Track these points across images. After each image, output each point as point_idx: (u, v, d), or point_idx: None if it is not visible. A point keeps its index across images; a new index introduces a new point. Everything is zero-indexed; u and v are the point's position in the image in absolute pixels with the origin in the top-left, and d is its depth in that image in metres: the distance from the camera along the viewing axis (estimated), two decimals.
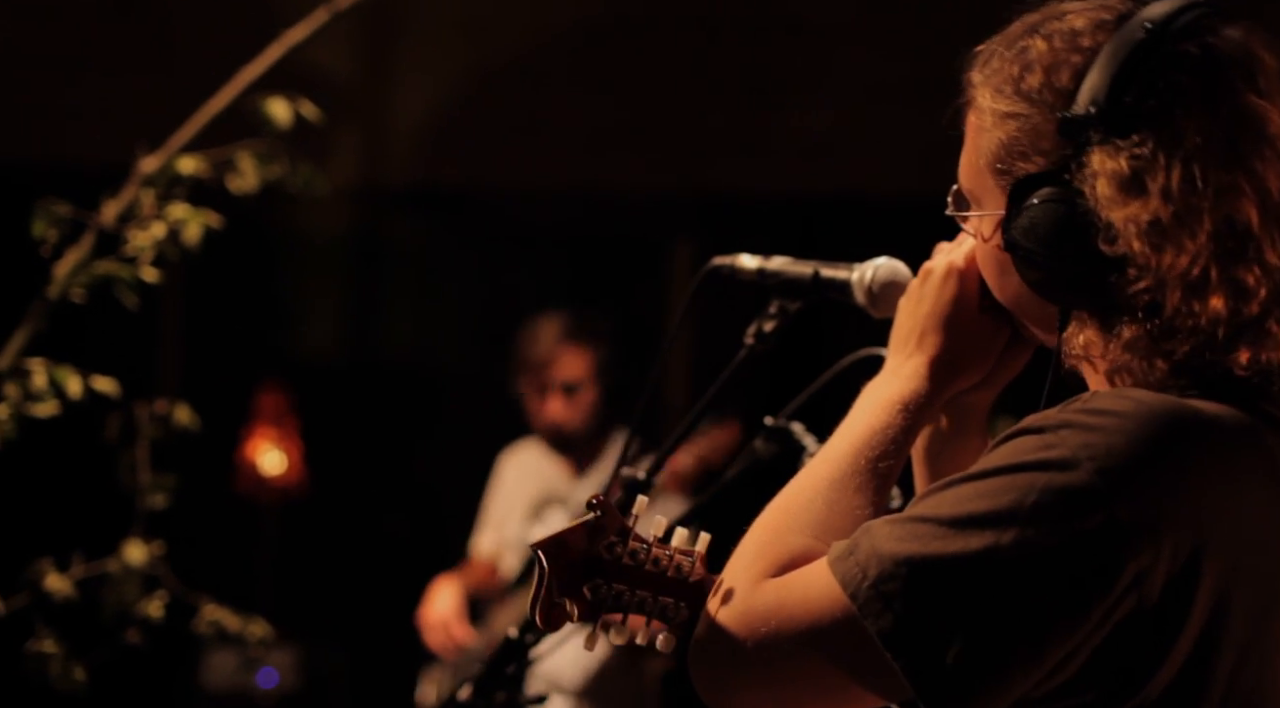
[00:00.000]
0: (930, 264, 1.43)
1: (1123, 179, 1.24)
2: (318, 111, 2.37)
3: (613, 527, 1.34)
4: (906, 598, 1.19)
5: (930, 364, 1.40)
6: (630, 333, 4.70)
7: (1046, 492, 1.18)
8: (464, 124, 5.34)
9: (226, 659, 4.91)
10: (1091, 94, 1.26)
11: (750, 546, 1.32)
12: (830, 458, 1.36)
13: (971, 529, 1.19)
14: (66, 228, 2.29)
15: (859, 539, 1.24)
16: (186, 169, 2.31)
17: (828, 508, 1.33)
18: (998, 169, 1.32)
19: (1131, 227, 1.24)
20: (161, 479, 2.39)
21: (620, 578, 1.33)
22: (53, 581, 2.31)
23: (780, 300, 1.72)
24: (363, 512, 5.53)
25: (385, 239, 5.80)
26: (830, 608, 1.22)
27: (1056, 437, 1.20)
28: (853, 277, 1.59)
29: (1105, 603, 1.18)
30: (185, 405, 2.41)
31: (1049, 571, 1.18)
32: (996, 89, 1.32)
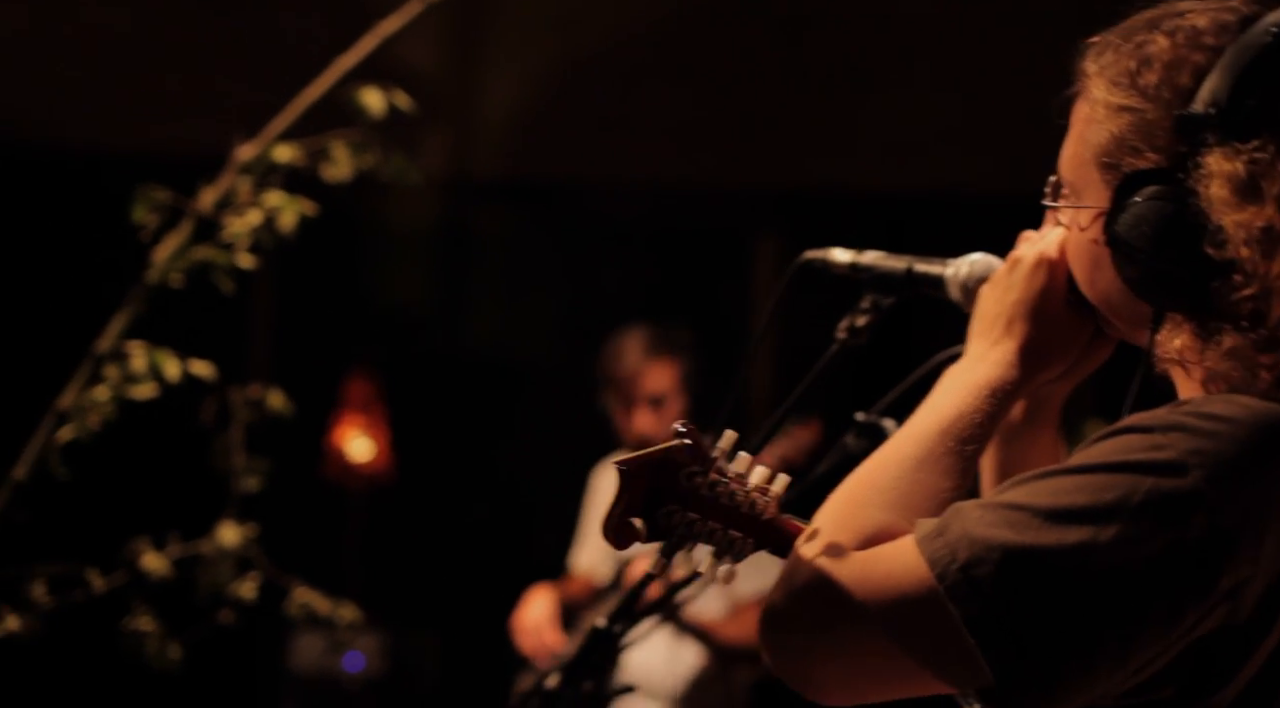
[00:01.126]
0: (1019, 252, 1.42)
1: (1239, 183, 1.23)
2: (411, 102, 2.39)
3: (697, 457, 1.34)
4: (996, 585, 1.18)
5: (1018, 352, 1.38)
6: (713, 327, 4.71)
7: (1153, 494, 1.17)
8: (552, 117, 5.36)
9: (313, 643, 4.97)
10: (1213, 95, 1.25)
11: (832, 516, 1.31)
12: (916, 437, 1.35)
13: (1069, 522, 1.18)
14: (166, 214, 2.34)
15: (949, 520, 1.23)
16: (282, 157, 2.34)
17: (912, 487, 1.31)
18: (1105, 163, 1.31)
19: (1242, 232, 1.22)
20: (255, 463, 2.43)
21: (694, 506, 1.34)
22: (150, 560, 2.35)
23: (873, 295, 1.71)
24: (447, 500, 5.58)
25: (472, 231, 5.84)
26: (915, 587, 1.21)
27: (1166, 438, 1.19)
28: (947, 272, 1.58)
29: (1199, 610, 1.17)
30: (278, 391, 2.44)
31: (1147, 573, 1.17)
32: (1112, 81, 1.31)
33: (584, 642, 1.95)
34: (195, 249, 2.32)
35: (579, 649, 1.95)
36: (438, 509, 5.55)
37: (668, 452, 1.33)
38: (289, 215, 2.32)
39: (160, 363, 2.30)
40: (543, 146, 5.44)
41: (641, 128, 5.35)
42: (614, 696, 1.98)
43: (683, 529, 1.35)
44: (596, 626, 1.94)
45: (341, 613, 2.45)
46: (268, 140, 2.36)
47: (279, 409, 2.42)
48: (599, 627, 1.94)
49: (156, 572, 2.35)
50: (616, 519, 1.33)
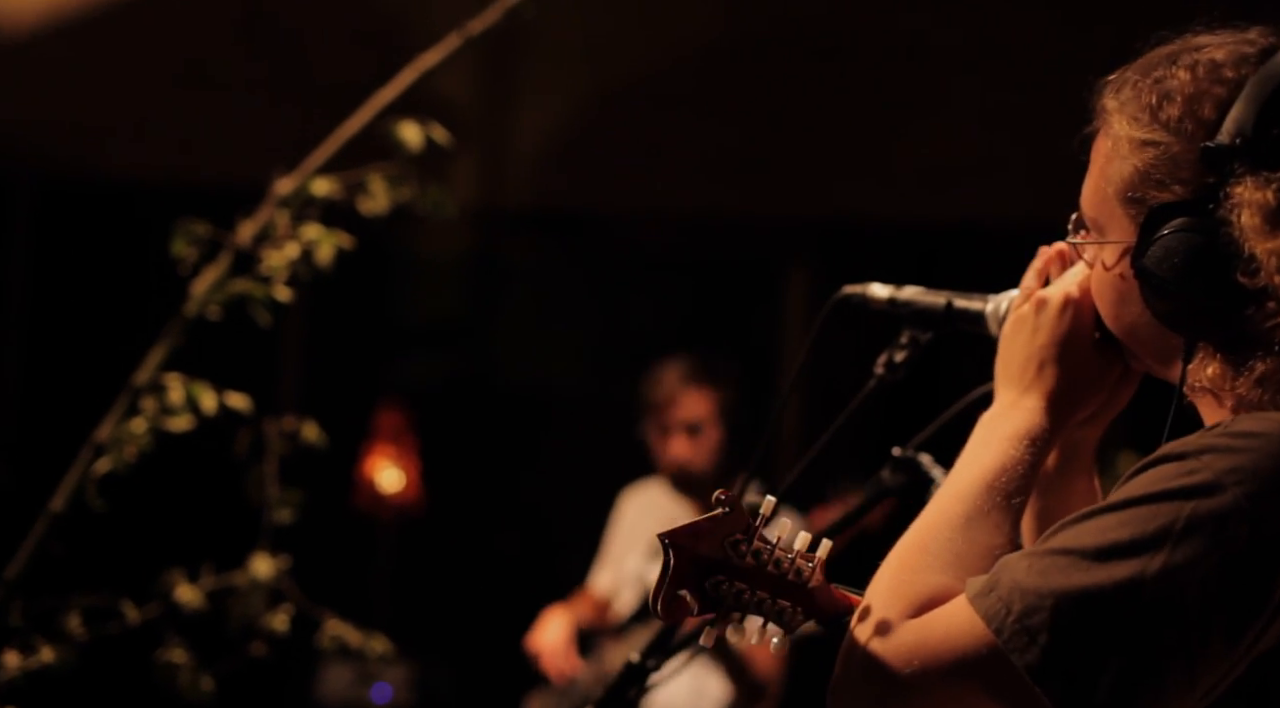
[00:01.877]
0: (1045, 293, 1.41)
1: (1269, 211, 1.23)
2: (448, 135, 2.40)
3: (739, 525, 1.34)
4: (1053, 631, 1.18)
5: (1051, 396, 1.39)
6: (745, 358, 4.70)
7: (1195, 517, 1.18)
8: (584, 147, 5.37)
9: (342, 674, 4.97)
10: (1238, 126, 1.25)
11: (887, 583, 1.32)
12: (962, 495, 1.35)
13: (1116, 559, 1.18)
14: (204, 247, 2.35)
15: (999, 575, 1.23)
16: (320, 191, 2.35)
17: (966, 546, 1.32)
18: (1129, 197, 1.31)
19: (1275, 259, 1.22)
20: (288, 495, 2.43)
21: (741, 576, 1.34)
22: (183, 591, 2.35)
23: (911, 330, 1.71)
24: (477, 531, 5.58)
25: (504, 261, 5.86)
26: (974, 645, 1.22)
27: (1199, 462, 1.20)
28: (987, 308, 1.58)
29: (1258, 624, 1.18)
30: (312, 423, 2.45)
31: (1202, 595, 1.17)
32: (1133, 117, 1.31)
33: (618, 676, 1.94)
34: (233, 282, 2.33)
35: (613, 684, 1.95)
36: (467, 540, 5.55)
37: (711, 521, 1.33)
38: (326, 248, 2.33)
39: (197, 395, 2.31)
40: (574, 177, 5.46)
41: (673, 158, 5.36)
42: None
43: (731, 600, 1.34)
44: (631, 661, 1.94)
45: (372, 645, 2.44)
46: (306, 174, 2.38)
47: (313, 441, 2.42)
48: (633, 662, 1.93)
49: (190, 604, 2.35)
50: (666, 593, 1.32)
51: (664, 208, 5.49)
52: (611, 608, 4.03)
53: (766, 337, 5.54)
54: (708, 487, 3.93)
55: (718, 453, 3.92)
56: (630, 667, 1.93)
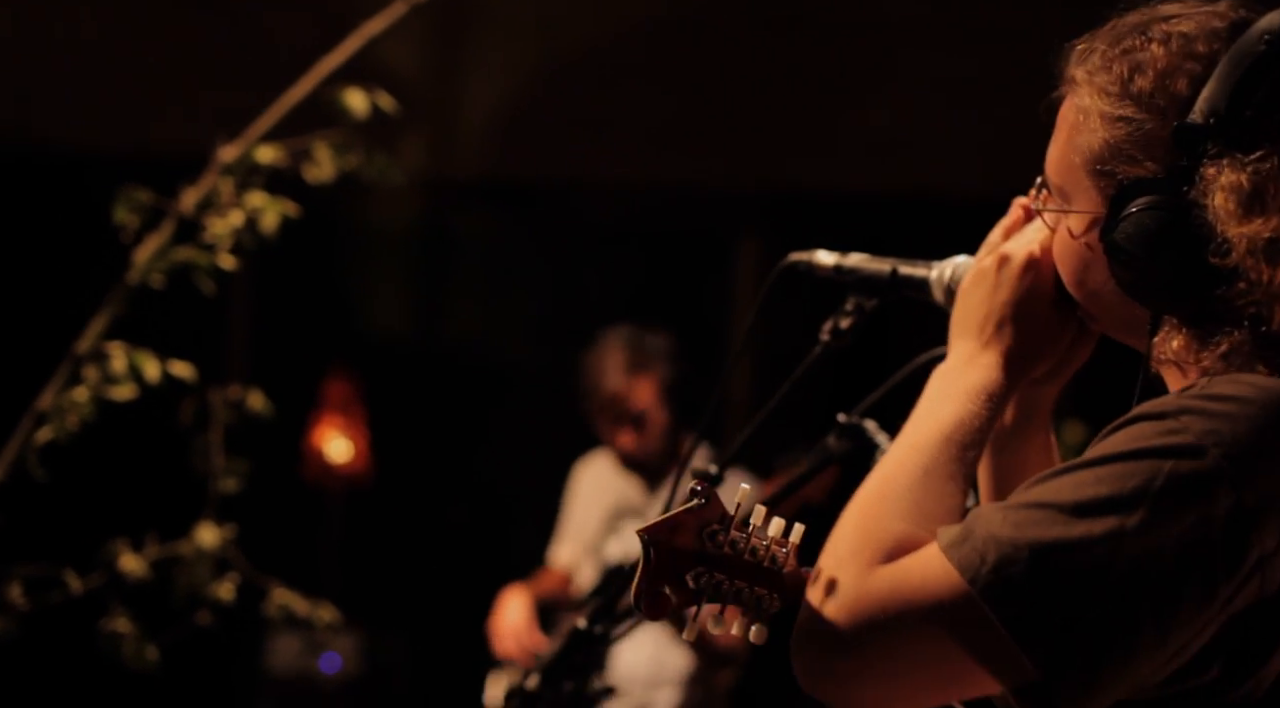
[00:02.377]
0: (1008, 250, 1.41)
1: (1243, 194, 1.24)
2: (394, 102, 2.39)
3: (715, 515, 1.33)
4: (1029, 582, 1.19)
5: (1007, 353, 1.39)
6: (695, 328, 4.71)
7: (1174, 476, 1.19)
8: (533, 118, 5.36)
9: (290, 644, 4.96)
10: (1210, 105, 1.25)
11: (851, 533, 1.30)
12: (920, 447, 1.34)
13: (1094, 514, 1.19)
14: (147, 215, 2.33)
15: (972, 525, 1.23)
16: (265, 158, 2.33)
17: (924, 496, 1.31)
18: (1098, 170, 1.31)
19: (1246, 242, 1.23)
20: (234, 464, 2.42)
21: (720, 567, 1.32)
22: (127, 561, 2.34)
23: (857, 297, 1.71)
24: (426, 502, 5.57)
25: (453, 231, 5.84)
26: (948, 594, 1.21)
27: (1179, 422, 1.21)
28: (931, 275, 1.58)
29: (1230, 586, 1.19)
30: (258, 392, 2.43)
31: (1176, 554, 1.18)
32: (1103, 89, 1.31)
33: (564, 643, 1.95)
34: (176, 250, 2.31)
35: (559, 650, 1.95)
36: (416, 511, 5.54)
37: (686, 514, 1.31)
38: (271, 216, 2.31)
39: (140, 364, 2.29)
40: (524, 147, 5.44)
41: (623, 129, 5.35)
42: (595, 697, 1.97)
43: (711, 591, 1.32)
44: (577, 626, 1.94)
45: (320, 614, 2.44)
46: (250, 141, 2.36)
47: (259, 410, 2.41)
48: (580, 628, 1.94)
49: (134, 573, 2.34)
50: (647, 590, 1.30)
51: (614, 179, 5.48)
52: (571, 583, 4.03)
53: (716, 307, 5.55)
54: (657, 464, 3.95)
55: (666, 434, 3.93)
56: (577, 633, 1.94)
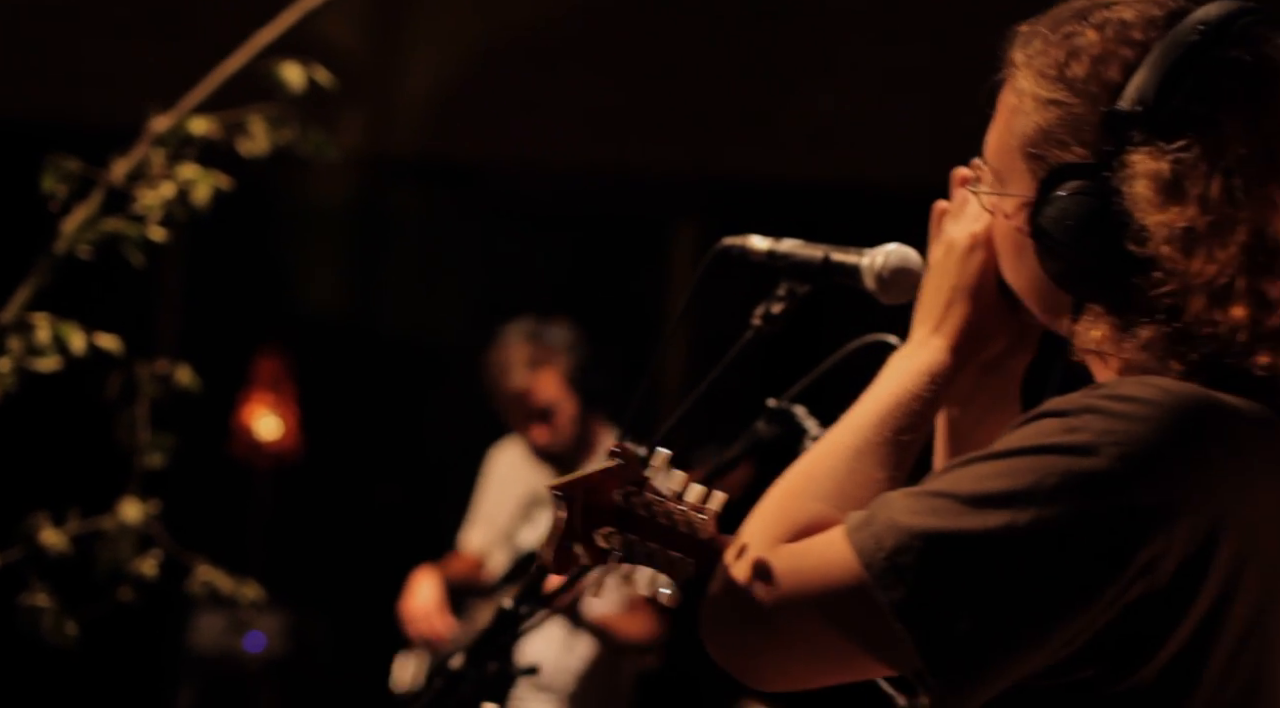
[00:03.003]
0: (951, 236, 1.42)
1: (1163, 182, 1.24)
2: (331, 77, 2.37)
3: (631, 476, 1.34)
4: (920, 571, 1.20)
5: (955, 336, 1.39)
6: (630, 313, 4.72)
7: (1067, 476, 1.19)
8: (472, 98, 5.33)
9: (214, 622, 4.92)
10: (1140, 92, 1.26)
11: (768, 508, 1.32)
12: (854, 427, 1.36)
13: (989, 507, 1.20)
14: (75, 184, 2.29)
15: (876, 510, 1.25)
16: (198, 130, 2.31)
17: (849, 477, 1.32)
18: (1030, 153, 1.32)
19: (1164, 231, 1.24)
20: (159, 439, 2.40)
21: (633, 528, 1.33)
22: (48, 535, 2.31)
23: (789, 283, 1.72)
24: (356, 481, 5.53)
25: (389, 210, 5.80)
26: (844, 577, 1.23)
27: (1080, 421, 1.21)
28: (863, 262, 1.60)
29: (1116, 586, 1.19)
30: (186, 366, 2.41)
31: (1063, 553, 1.19)
32: (1040, 73, 1.31)
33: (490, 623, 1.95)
34: (105, 220, 2.28)
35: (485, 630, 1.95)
36: (345, 490, 5.51)
37: (602, 473, 1.32)
38: (203, 189, 2.29)
39: (65, 335, 2.26)
40: (462, 127, 5.41)
41: (562, 111, 5.34)
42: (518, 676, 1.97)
43: (622, 551, 1.34)
44: (504, 607, 1.94)
45: (244, 592, 2.42)
46: (183, 112, 2.33)
47: (186, 385, 2.38)
48: (506, 608, 1.94)
49: (55, 547, 2.31)
50: (556, 546, 1.31)
51: (552, 161, 5.46)
52: (482, 567, 4.03)
53: (652, 292, 5.55)
54: (568, 453, 3.96)
55: (574, 423, 3.94)
56: (503, 613, 1.94)
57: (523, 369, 3.93)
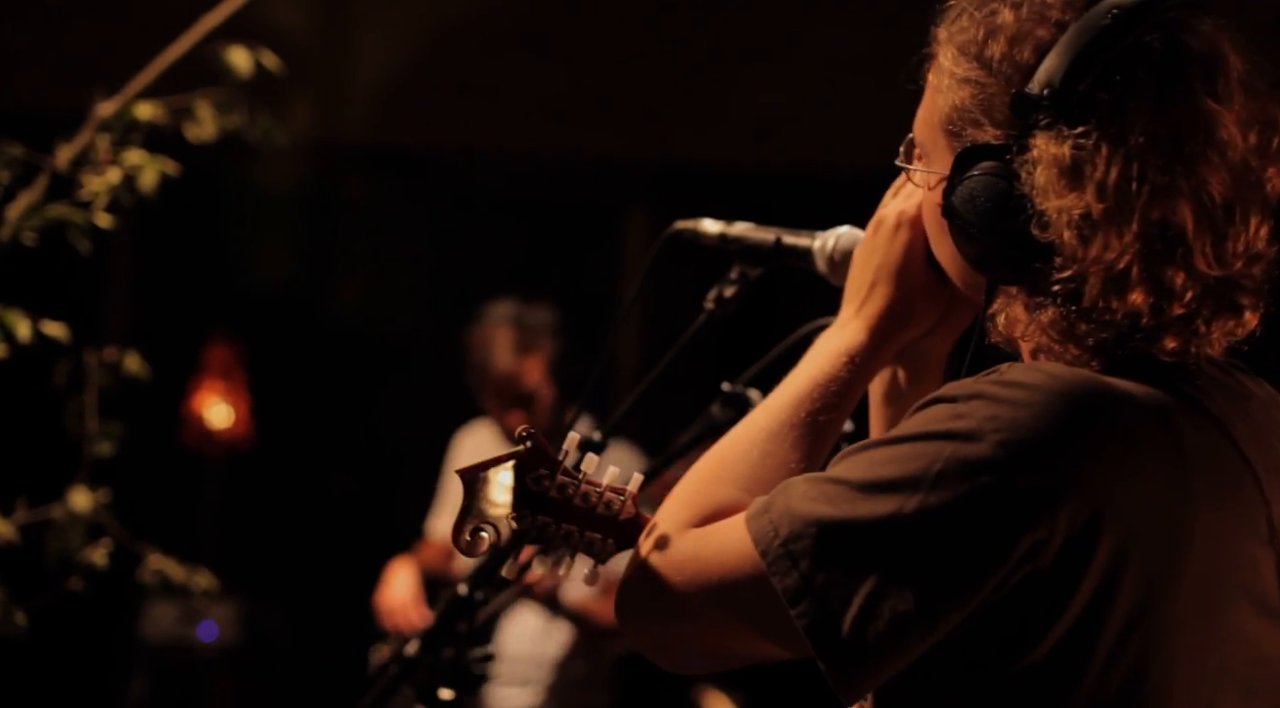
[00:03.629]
0: (881, 214, 1.43)
1: (1062, 167, 1.23)
2: (278, 62, 2.35)
3: (542, 460, 1.35)
4: (811, 558, 1.21)
5: (878, 316, 1.40)
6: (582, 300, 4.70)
7: (951, 462, 1.20)
8: (422, 85, 5.30)
9: (167, 612, 4.89)
10: (1048, 76, 1.25)
11: (681, 493, 1.34)
12: (770, 409, 1.37)
13: (879, 494, 1.21)
14: (19, 170, 2.27)
15: (776, 497, 1.26)
16: (143, 115, 2.28)
17: (762, 460, 1.34)
18: (949, 131, 1.32)
19: (1064, 216, 1.23)
20: (109, 427, 2.37)
21: (546, 511, 1.35)
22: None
23: (741, 266, 1.73)
24: (309, 469, 5.51)
25: (340, 196, 5.77)
26: (742, 564, 1.25)
27: (967, 407, 1.21)
28: (815, 245, 1.60)
29: (1000, 572, 1.20)
30: (135, 354, 2.39)
31: (946, 539, 1.20)
32: (959, 50, 1.31)
33: (444, 609, 1.94)
34: (50, 207, 2.26)
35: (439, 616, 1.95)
36: (298, 479, 5.48)
37: (512, 456, 1.34)
38: (150, 174, 2.26)
39: (11, 323, 2.23)
40: (413, 114, 5.39)
41: (514, 98, 5.32)
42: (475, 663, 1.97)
43: (535, 534, 1.35)
44: (457, 593, 1.94)
45: (197, 581, 2.40)
46: (129, 97, 2.30)
47: (135, 372, 2.36)
48: (460, 594, 1.93)
49: (3, 537, 2.28)
50: (466, 528, 1.33)
51: (504, 148, 5.45)
52: (453, 554, 4.01)
53: (604, 279, 5.55)
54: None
55: (553, 409, 3.93)
56: (457, 599, 1.93)
57: (510, 353, 3.90)
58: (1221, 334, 1.27)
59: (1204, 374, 1.29)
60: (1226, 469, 1.26)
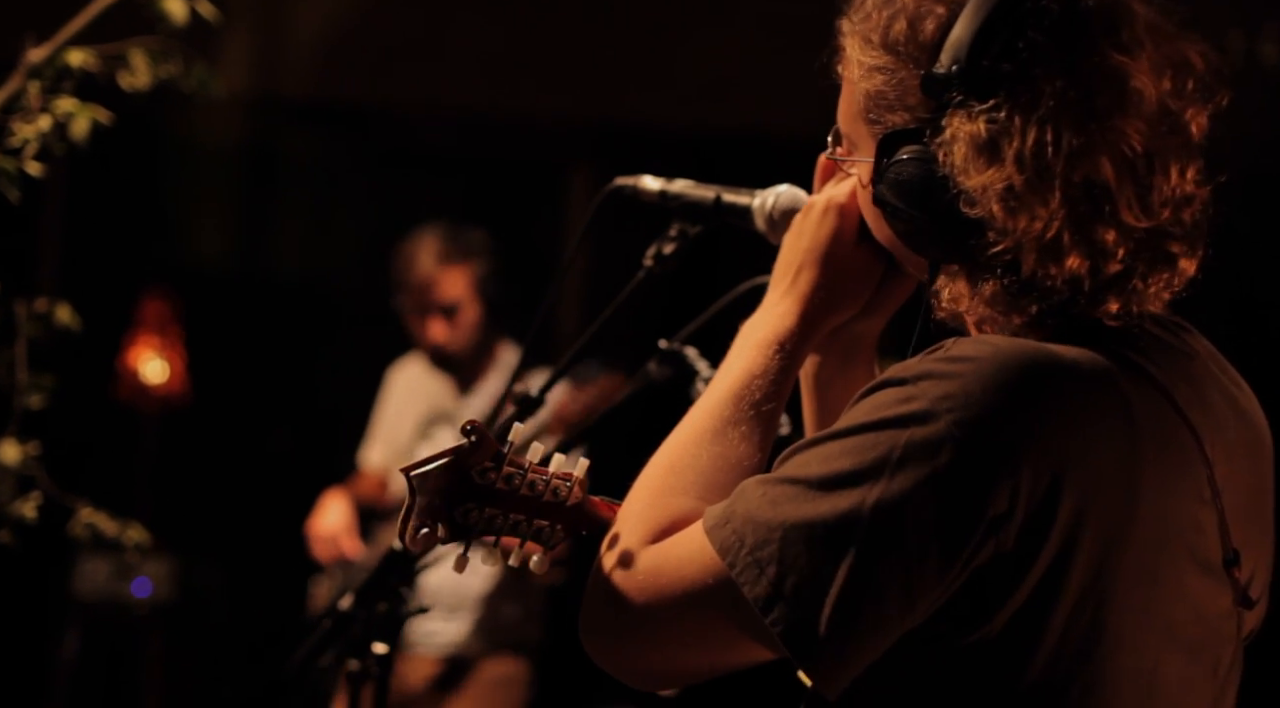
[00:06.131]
0: (812, 199, 1.43)
1: (979, 144, 1.24)
2: (215, 11, 2.31)
3: (487, 452, 1.34)
4: (779, 563, 1.21)
5: (804, 300, 1.40)
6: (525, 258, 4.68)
7: (909, 446, 1.20)
8: (364, 38, 5.25)
9: (100, 568, 4.85)
10: (954, 52, 1.25)
11: (633, 507, 1.33)
12: (711, 408, 1.36)
13: (838, 489, 1.21)
14: None
15: (734, 505, 1.25)
16: (75, 62, 2.24)
17: (712, 462, 1.33)
18: (870, 119, 1.32)
19: (989, 192, 1.24)
20: (39, 379, 2.34)
21: (493, 503, 1.34)
22: None
23: (681, 224, 1.72)
24: (246, 425, 5.47)
25: (279, 150, 5.70)
26: (705, 576, 1.24)
27: (916, 388, 1.22)
28: (754, 203, 1.60)
29: (967, 551, 1.20)
30: (66, 305, 2.35)
31: (914, 524, 1.20)
32: (865, 39, 1.32)
33: (379, 564, 1.93)
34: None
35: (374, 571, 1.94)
36: (234, 435, 5.44)
37: (456, 453, 1.33)
38: (81, 122, 2.22)
39: None
40: (356, 68, 5.33)
41: (458, 54, 5.27)
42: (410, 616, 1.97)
43: (483, 526, 1.34)
44: (393, 547, 1.93)
45: (129, 535, 2.38)
46: (60, 43, 2.26)
47: (66, 324, 2.32)
48: (395, 549, 1.92)
49: None
50: (413, 525, 1.32)
51: (447, 104, 5.40)
52: (387, 486, 4.01)
53: (548, 237, 5.53)
54: (467, 364, 3.95)
55: (475, 330, 3.92)
56: (393, 554, 1.93)
57: (432, 261, 3.90)
58: (1160, 288, 1.27)
59: (1148, 336, 1.29)
60: (1170, 432, 1.27)
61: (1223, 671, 1.32)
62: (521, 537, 1.36)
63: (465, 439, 1.32)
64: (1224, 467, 1.30)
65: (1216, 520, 1.29)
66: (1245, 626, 1.34)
